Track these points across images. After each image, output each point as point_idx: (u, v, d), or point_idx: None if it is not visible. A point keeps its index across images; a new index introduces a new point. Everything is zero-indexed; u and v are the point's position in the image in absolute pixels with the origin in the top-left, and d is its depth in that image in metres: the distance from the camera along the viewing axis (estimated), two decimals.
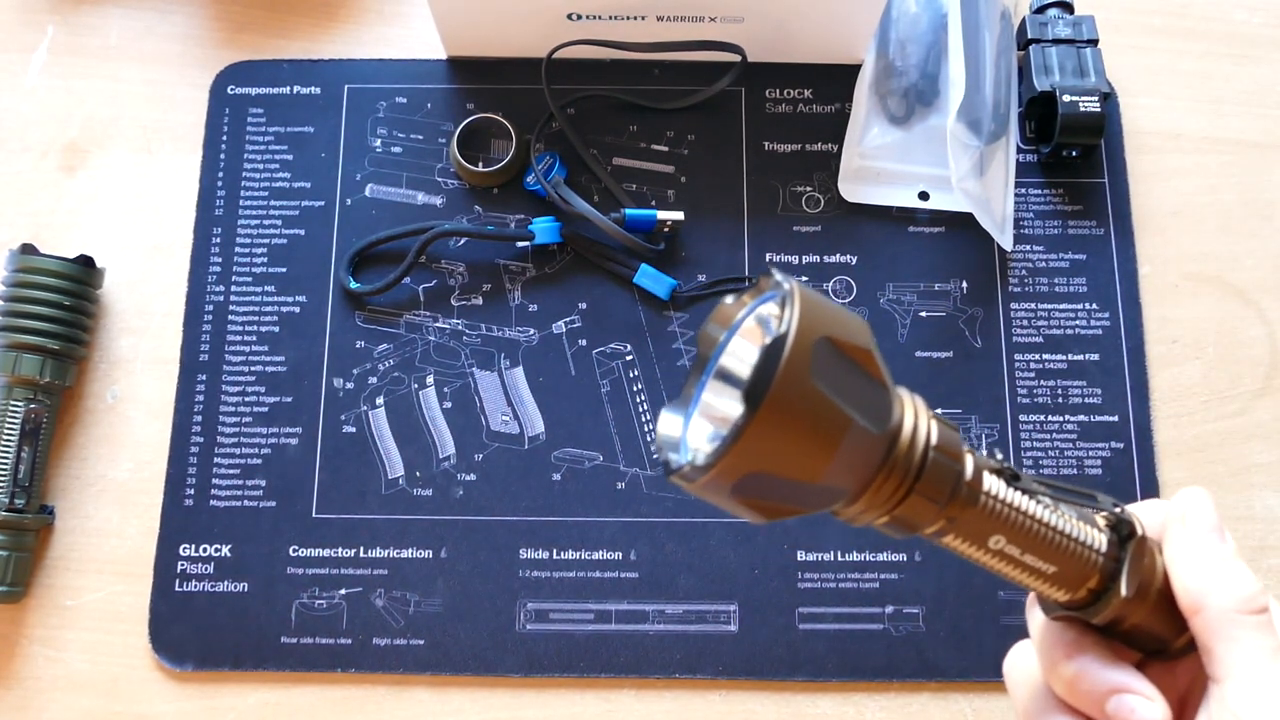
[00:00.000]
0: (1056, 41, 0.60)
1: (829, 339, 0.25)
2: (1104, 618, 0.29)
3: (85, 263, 0.57)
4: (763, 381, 0.24)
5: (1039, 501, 0.29)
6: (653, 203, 0.60)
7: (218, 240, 0.60)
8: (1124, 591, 0.29)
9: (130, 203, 0.61)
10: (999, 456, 0.30)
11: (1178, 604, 0.30)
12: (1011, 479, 0.29)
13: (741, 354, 0.29)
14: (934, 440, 0.27)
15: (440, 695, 0.53)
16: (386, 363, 0.58)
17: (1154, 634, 0.30)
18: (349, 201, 0.60)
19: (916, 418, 0.27)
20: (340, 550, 0.55)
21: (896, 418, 0.27)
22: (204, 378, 0.58)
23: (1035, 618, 0.32)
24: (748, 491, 0.26)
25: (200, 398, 0.57)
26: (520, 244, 0.59)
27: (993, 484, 0.28)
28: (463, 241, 0.59)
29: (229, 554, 0.55)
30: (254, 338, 0.58)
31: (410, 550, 0.55)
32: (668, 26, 0.58)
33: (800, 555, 0.55)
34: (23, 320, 0.55)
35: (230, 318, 0.59)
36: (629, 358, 0.58)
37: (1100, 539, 0.30)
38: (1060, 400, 0.57)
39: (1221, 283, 0.59)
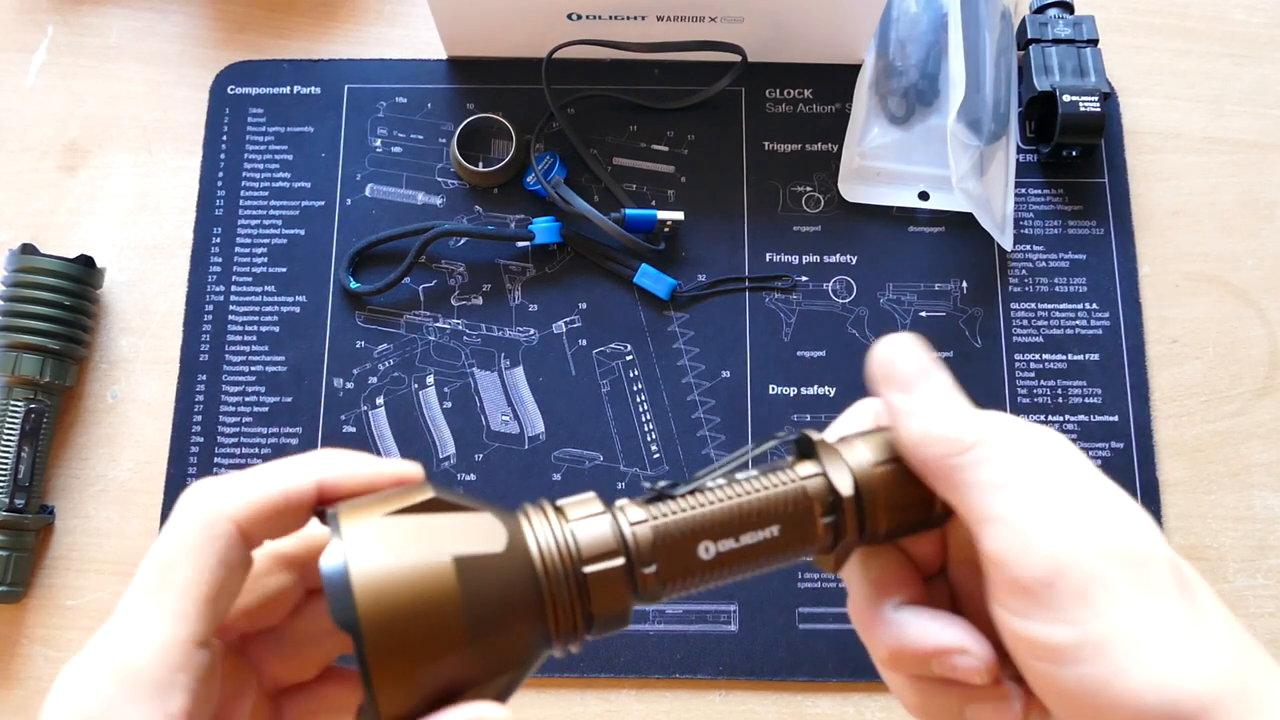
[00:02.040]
0: (1056, 41, 0.60)
1: (418, 667, 0.24)
2: (851, 531, 0.28)
3: (85, 263, 0.57)
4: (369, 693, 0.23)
5: (708, 497, 0.27)
6: (653, 203, 0.60)
7: (218, 240, 0.60)
8: (842, 491, 0.28)
9: (130, 203, 0.61)
10: (656, 485, 0.28)
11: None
12: (666, 499, 0.27)
13: None
14: (581, 554, 0.26)
15: None
16: (386, 363, 0.58)
17: (913, 516, 0.29)
18: (349, 201, 0.60)
19: (553, 557, 0.26)
20: None
21: (527, 597, 0.25)
22: (204, 378, 0.58)
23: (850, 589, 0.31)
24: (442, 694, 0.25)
25: (200, 398, 0.57)
26: (520, 244, 0.59)
27: (657, 533, 0.27)
28: (463, 241, 0.59)
29: None
30: (254, 338, 0.58)
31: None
32: (668, 26, 0.58)
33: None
34: (23, 320, 0.55)
35: (230, 318, 0.59)
36: (629, 358, 0.58)
37: (791, 473, 0.28)
38: (1060, 400, 0.57)
39: (1221, 283, 0.59)
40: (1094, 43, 0.60)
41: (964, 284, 0.59)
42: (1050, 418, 0.57)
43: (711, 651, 0.53)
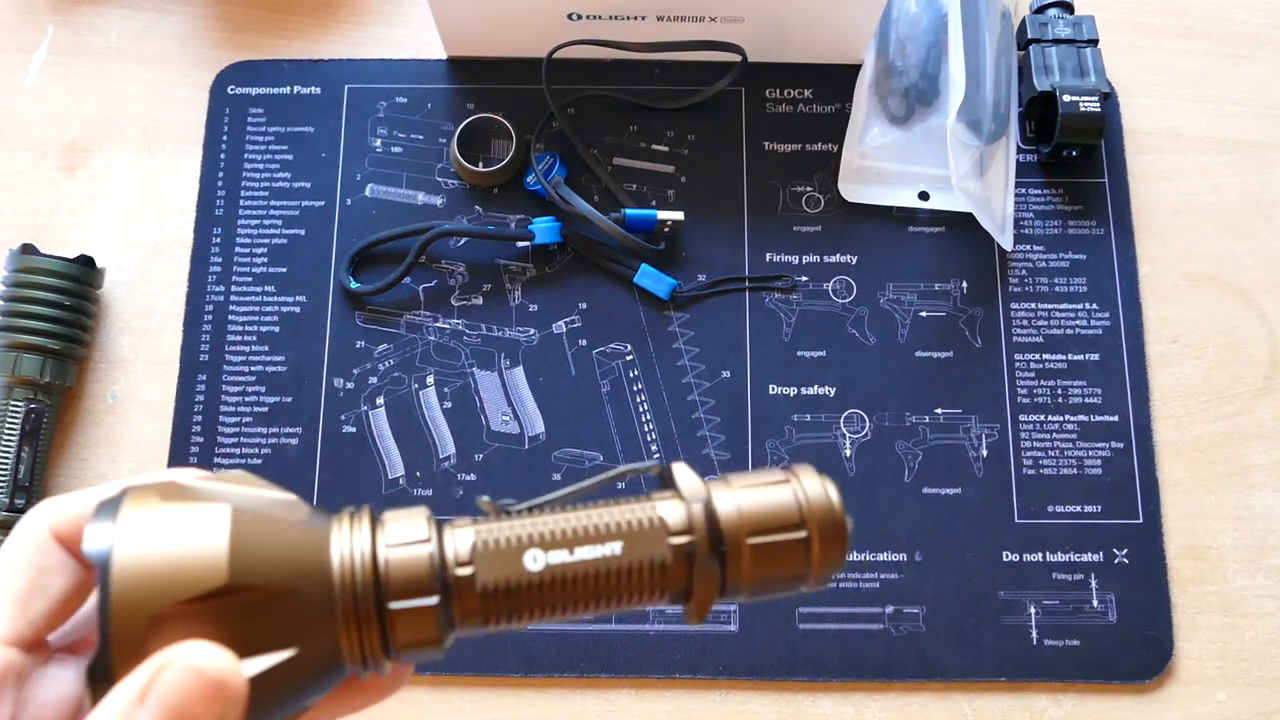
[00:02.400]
0: (1056, 41, 0.60)
1: (164, 615, 0.21)
2: (704, 561, 0.25)
3: (85, 263, 0.57)
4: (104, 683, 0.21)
5: (548, 512, 0.25)
6: (653, 203, 0.60)
7: (218, 240, 0.60)
8: (692, 506, 0.25)
9: (130, 203, 0.61)
10: (499, 502, 0.25)
11: None
12: (505, 514, 0.25)
13: None
14: (388, 585, 0.23)
15: (440, 695, 0.53)
16: (386, 363, 0.58)
17: (790, 561, 0.26)
18: (349, 201, 0.60)
19: (353, 575, 0.23)
20: None
21: (318, 606, 0.23)
22: (204, 378, 0.58)
23: None
24: None
25: (200, 398, 0.57)
26: (520, 244, 0.59)
27: (493, 571, 0.24)
28: (463, 241, 0.59)
29: None
30: (254, 338, 0.58)
31: None
32: (668, 26, 0.58)
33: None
34: (23, 320, 0.55)
35: (230, 318, 0.59)
36: (629, 358, 0.58)
37: (651, 515, 0.25)
38: (1060, 400, 0.57)
39: (1221, 283, 0.59)
40: (1094, 43, 0.60)
41: (964, 284, 0.59)
42: (1050, 417, 0.57)
43: (711, 651, 0.53)
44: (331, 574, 0.23)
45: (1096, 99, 0.58)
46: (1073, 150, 0.59)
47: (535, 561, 0.24)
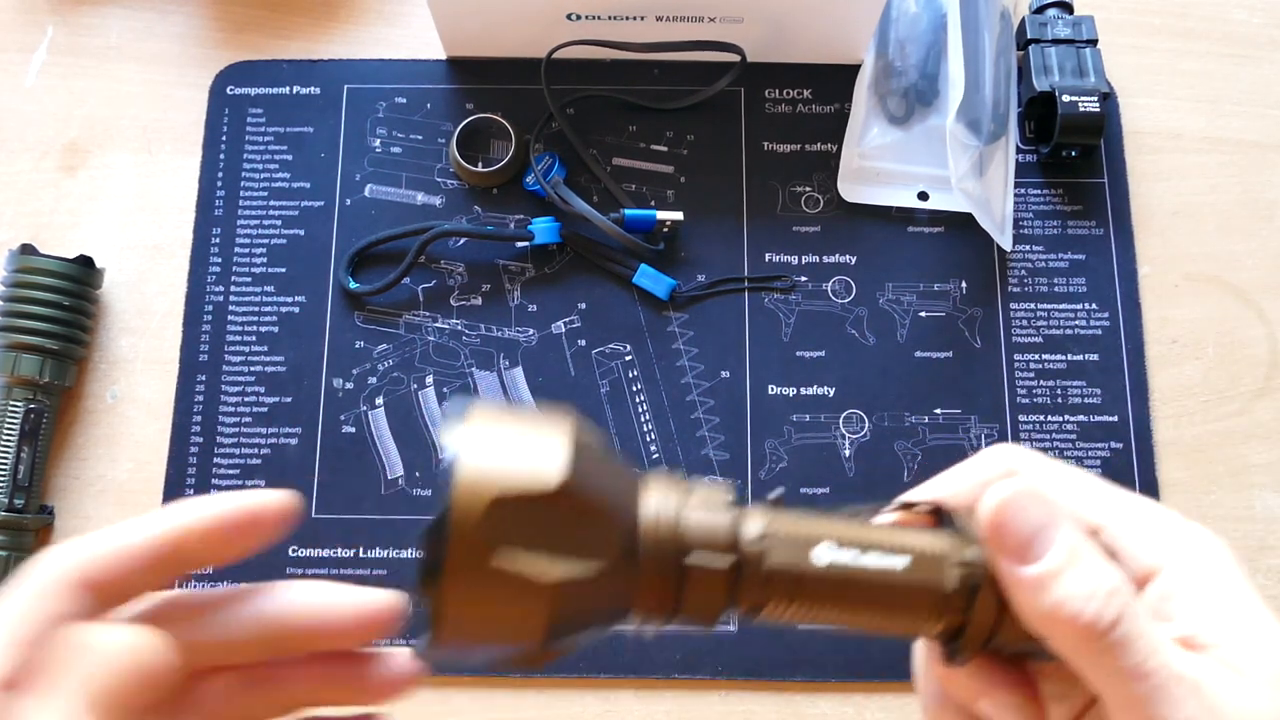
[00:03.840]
0: (1056, 41, 0.60)
1: (503, 499, 0.22)
2: (987, 610, 0.25)
3: (85, 263, 0.57)
4: (432, 574, 0.22)
5: (846, 536, 0.25)
6: (652, 203, 0.60)
7: (218, 240, 0.60)
8: (982, 560, 0.25)
9: (130, 203, 0.61)
10: (774, 496, 0.26)
11: None
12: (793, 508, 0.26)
13: None
14: (689, 540, 0.24)
15: (440, 695, 0.53)
16: (386, 363, 0.58)
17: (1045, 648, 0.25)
18: (349, 201, 0.60)
19: (658, 524, 0.24)
20: (340, 550, 0.55)
21: (624, 540, 0.24)
22: (204, 378, 0.58)
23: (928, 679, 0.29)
24: (490, 658, 0.24)
25: (200, 398, 0.57)
26: (520, 244, 0.59)
27: (783, 555, 0.25)
28: (462, 241, 0.59)
29: None
30: (254, 338, 0.58)
31: (410, 550, 0.55)
32: (667, 26, 0.58)
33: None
34: (22, 320, 0.55)
35: (230, 318, 0.59)
36: (628, 358, 0.58)
37: (937, 543, 0.25)
38: (1060, 400, 0.57)
39: (1221, 283, 0.59)
40: (1094, 43, 0.60)
41: (963, 284, 0.59)
42: (1050, 418, 0.57)
43: (711, 651, 0.53)
44: (642, 512, 0.24)
45: (1096, 99, 0.58)
46: (1072, 150, 0.59)
47: (822, 556, 0.25)
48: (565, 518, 0.23)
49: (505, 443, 0.23)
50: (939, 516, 0.27)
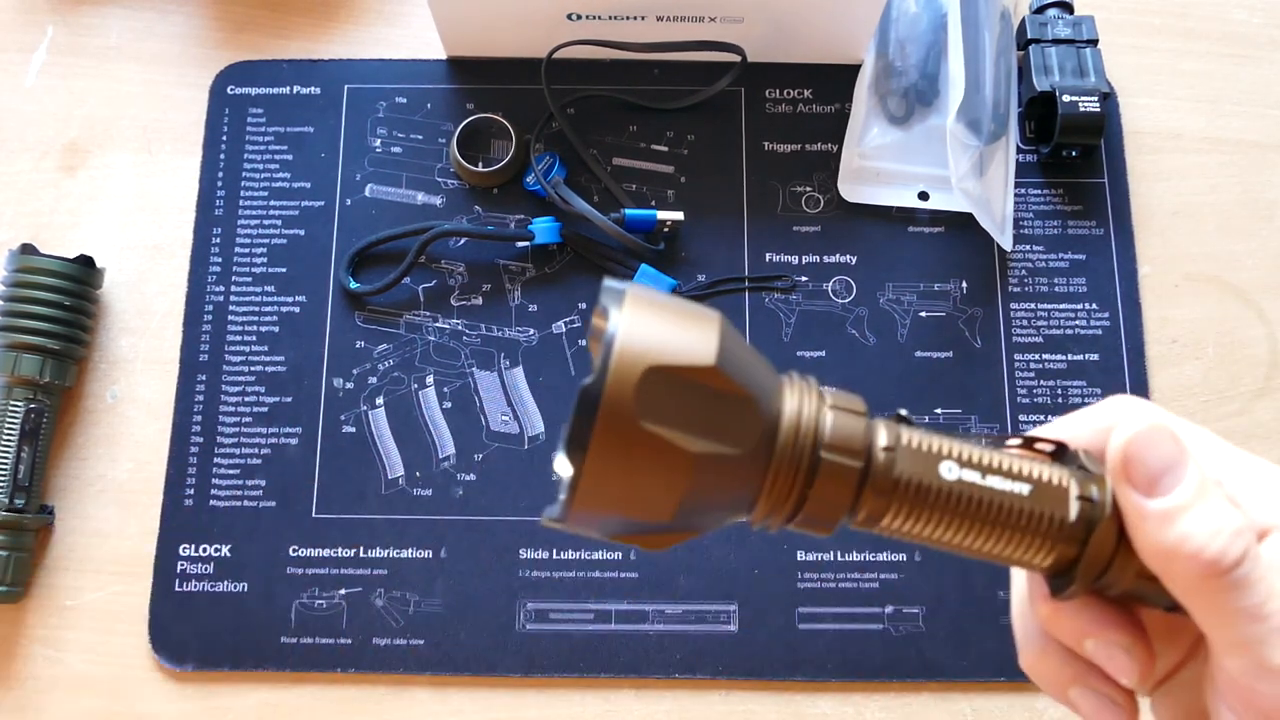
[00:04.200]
0: (1056, 41, 0.60)
1: (657, 368, 0.23)
2: (1106, 546, 0.25)
3: (85, 263, 0.57)
4: (581, 434, 0.23)
5: (971, 457, 0.26)
6: (653, 203, 0.60)
7: (218, 240, 0.60)
8: (1105, 499, 0.25)
9: (130, 203, 0.61)
10: (902, 413, 0.27)
11: None
12: (930, 445, 0.26)
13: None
14: (825, 437, 0.25)
15: (440, 695, 0.53)
16: (386, 363, 0.58)
17: (1157, 591, 0.25)
18: (349, 201, 0.60)
19: (799, 416, 0.25)
20: (340, 550, 0.55)
21: (764, 427, 0.24)
22: (204, 378, 0.58)
23: (1029, 617, 0.29)
24: (617, 529, 0.25)
25: (200, 398, 0.57)
26: (520, 244, 0.59)
27: (910, 465, 0.25)
28: (462, 241, 0.59)
29: (229, 554, 0.55)
30: (254, 338, 0.58)
31: (410, 550, 0.55)
32: (668, 26, 0.58)
33: (800, 555, 0.55)
34: (23, 320, 0.55)
35: (230, 318, 0.59)
36: None
37: (1061, 475, 0.26)
38: (1060, 400, 0.57)
39: (1221, 283, 0.59)
40: (1094, 43, 0.60)
41: (964, 284, 0.59)
42: (1050, 418, 0.57)
43: (711, 651, 0.53)
44: (784, 405, 0.25)
45: (1096, 99, 0.58)
46: (1072, 150, 0.59)
47: (950, 472, 0.25)
48: (713, 397, 0.24)
49: (662, 320, 0.24)
50: (1060, 456, 0.27)
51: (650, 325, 0.24)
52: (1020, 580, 0.29)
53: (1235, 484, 0.26)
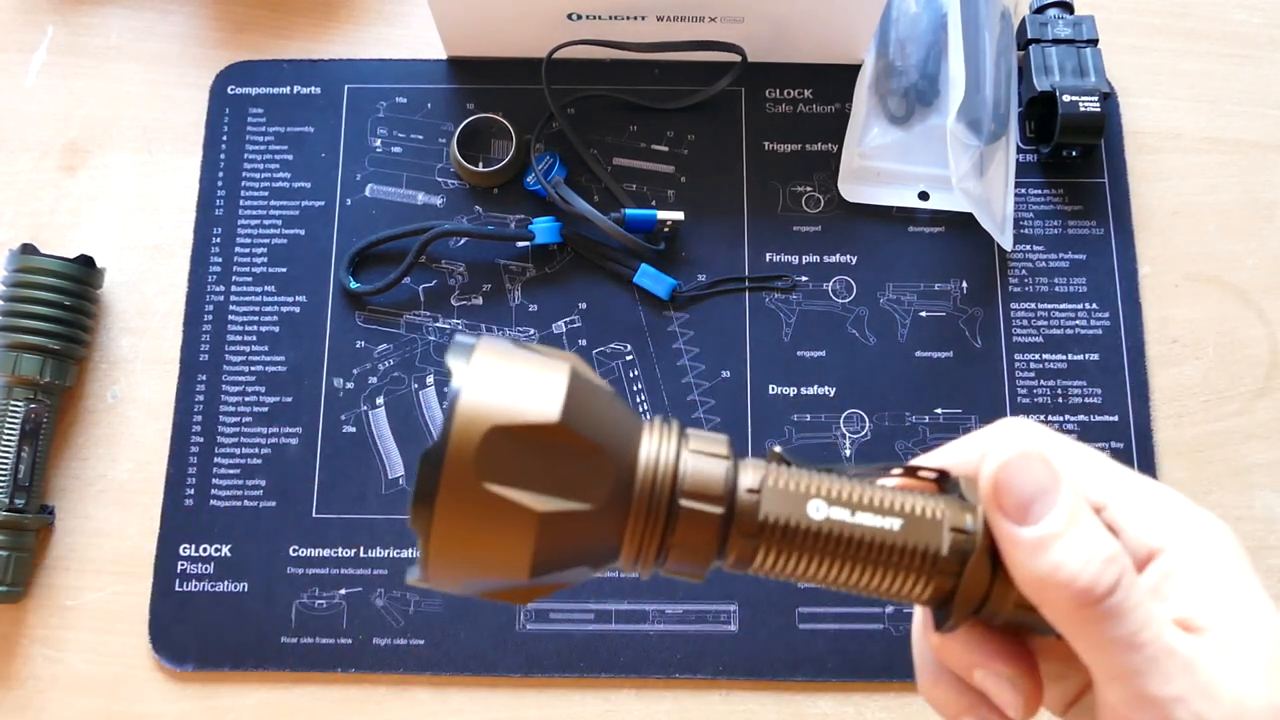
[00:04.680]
0: (1056, 41, 0.60)
1: (499, 428, 0.23)
2: (979, 577, 0.25)
3: (85, 263, 0.57)
4: (426, 497, 0.23)
5: (841, 494, 0.25)
6: (653, 203, 0.60)
7: (218, 240, 0.60)
8: (977, 528, 0.25)
9: (130, 203, 0.61)
10: (776, 449, 0.26)
11: None
12: (788, 464, 0.26)
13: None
14: (683, 483, 0.24)
15: (440, 695, 0.53)
16: (386, 363, 0.58)
17: (1039, 619, 0.25)
18: (349, 201, 0.60)
19: (655, 465, 0.24)
20: (340, 550, 0.55)
21: (618, 478, 0.24)
22: (204, 378, 0.58)
23: (923, 644, 0.29)
24: (480, 588, 0.25)
25: (200, 398, 0.57)
26: (520, 244, 0.59)
27: (776, 507, 0.25)
28: (463, 241, 0.59)
29: (229, 554, 0.55)
30: (254, 338, 0.58)
31: (410, 550, 0.55)
32: (668, 26, 0.58)
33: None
34: (23, 320, 0.55)
35: (230, 318, 0.59)
36: (629, 358, 0.58)
37: (934, 507, 0.25)
38: (1060, 400, 0.57)
39: (1221, 283, 0.59)
40: (1094, 43, 0.60)
41: (964, 284, 0.59)
42: (1050, 417, 0.57)
43: (711, 651, 0.53)
44: (639, 454, 0.24)
45: (1096, 99, 0.58)
46: (1073, 150, 0.59)
47: (817, 511, 0.25)
48: (560, 452, 0.23)
49: (507, 377, 0.24)
50: (943, 484, 0.27)
51: (494, 382, 0.24)
52: (918, 609, 0.29)
53: (1122, 506, 0.26)
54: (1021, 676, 0.26)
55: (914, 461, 0.28)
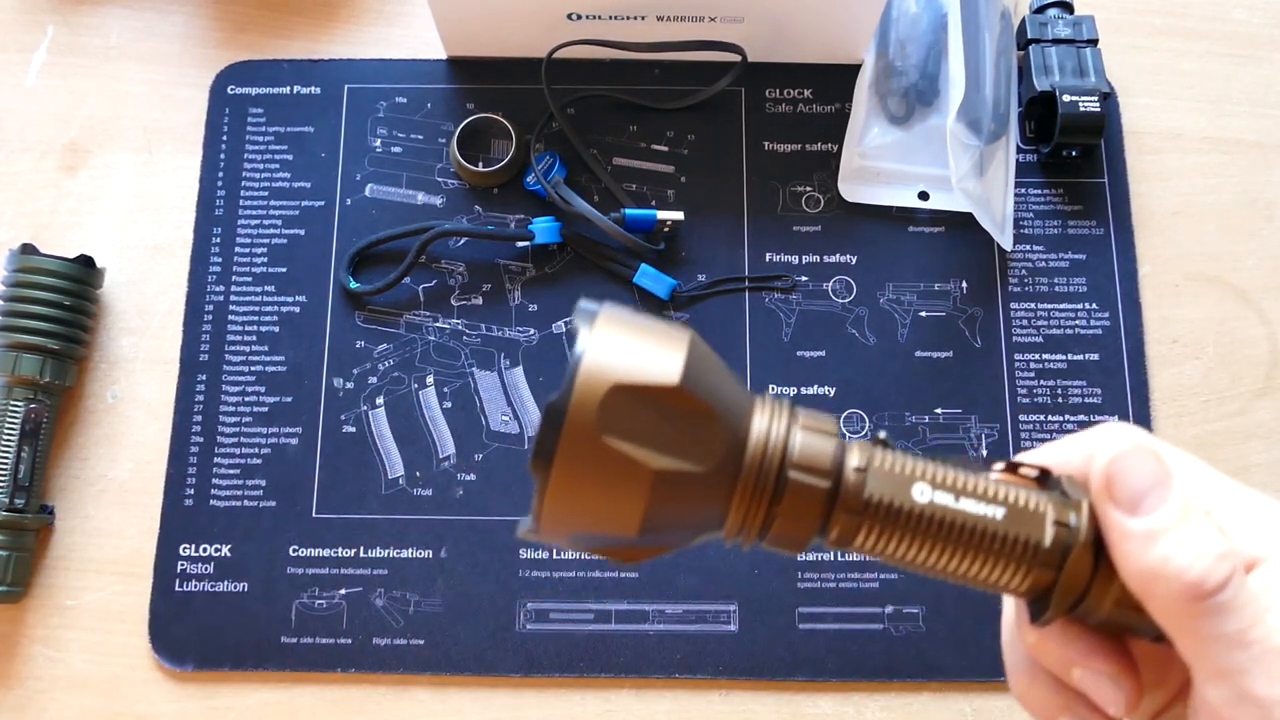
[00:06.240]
0: (1056, 41, 0.60)
1: (621, 386, 0.24)
2: (1081, 574, 0.25)
3: (85, 263, 0.57)
4: (546, 449, 0.23)
5: (945, 479, 0.25)
6: (653, 203, 0.60)
7: (218, 240, 0.60)
8: (1081, 523, 0.25)
9: (130, 203, 0.61)
10: (881, 435, 0.26)
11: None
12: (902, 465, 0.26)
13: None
14: (793, 456, 0.25)
15: (440, 695, 0.53)
16: (386, 363, 0.58)
17: (1139, 618, 0.25)
18: (349, 201, 0.60)
19: (767, 435, 0.25)
20: (340, 550, 0.55)
21: (730, 445, 0.25)
22: (204, 378, 0.58)
23: (1016, 644, 0.28)
24: (588, 542, 0.25)
25: (200, 398, 0.57)
26: (520, 244, 0.59)
27: (881, 486, 0.25)
28: (463, 241, 0.59)
29: (229, 554, 0.55)
30: (254, 338, 0.58)
31: (410, 550, 0.55)
32: (668, 26, 0.58)
33: (800, 555, 0.55)
34: (23, 320, 0.55)
35: (230, 318, 0.59)
36: None
37: (1038, 499, 0.25)
38: (1060, 400, 0.57)
39: (1221, 283, 0.59)
40: (1094, 43, 0.60)
41: (964, 284, 0.59)
42: (1050, 418, 0.57)
43: (711, 651, 0.53)
44: (751, 424, 0.25)
45: (1096, 99, 0.58)
46: (1073, 150, 0.59)
47: (922, 494, 0.25)
48: (677, 415, 0.24)
49: (631, 340, 0.25)
50: (1044, 482, 0.27)
51: (617, 345, 0.24)
52: (1010, 607, 0.29)
53: (1224, 514, 0.26)
54: (1123, 674, 0.25)
55: (1017, 458, 0.28)
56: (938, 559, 0.26)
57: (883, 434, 0.26)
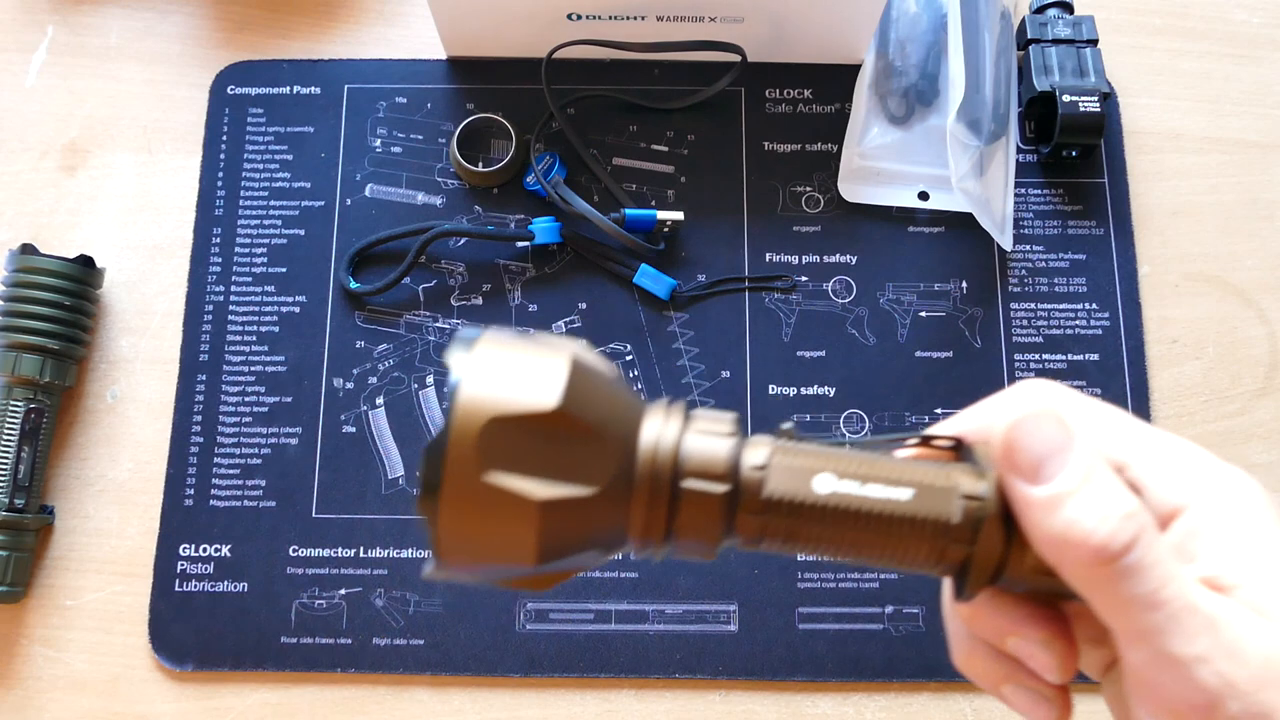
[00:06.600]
0: (1056, 41, 0.60)
1: (499, 418, 0.23)
2: (994, 541, 0.24)
3: (85, 263, 0.57)
4: (431, 489, 0.23)
5: (850, 466, 0.25)
6: (653, 203, 0.60)
7: (218, 240, 0.60)
8: (988, 493, 0.24)
9: (130, 203, 0.61)
10: (786, 426, 0.26)
11: None
12: (797, 438, 0.25)
13: None
14: (686, 464, 0.24)
15: (440, 695, 0.53)
16: (386, 363, 0.58)
17: (1060, 584, 0.24)
18: (349, 201, 0.60)
19: (655, 447, 0.24)
20: (340, 550, 0.55)
21: (620, 462, 0.24)
22: (204, 378, 0.58)
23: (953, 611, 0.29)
24: (493, 576, 0.25)
25: (200, 398, 0.57)
26: (520, 244, 0.59)
27: (782, 483, 0.24)
28: (463, 241, 0.59)
29: (229, 554, 0.55)
30: (254, 338, 0.58)
31: (410, 550, 0.55)
32: (668, 26, 0.58)
33: (800, 555, 0.55)
34: (23, 320, 0.55)
35: (230, 318, 0.59)
36: (629, 358, 0.58)
37: (947, 475, 0.25)
38: None
39: (1221, 283, 0.59)
40: (1094, 43, 0.60)
41: (964, 284, 0.59)
42: None
43: (711, 651, 0.53)
44: (640, 437, 0.24)
45: (1096, 99, 0.58)
46: (1072, 150, 0.59)
47: (824, 485, 0.24)
48: (561, 439, 0.24)
49: (507, 367, 0.24)
50: (959, 452, 0.27)
51: (494, 373, 0.24)
52: (946, 583, 0.28)
53: (1147, 464, 0.25)
54: (1054, 638, 0.25)
55: (929, 430, 0.27)
56: (849, 549, 0.25)
57: (787, 425, 0.26)
